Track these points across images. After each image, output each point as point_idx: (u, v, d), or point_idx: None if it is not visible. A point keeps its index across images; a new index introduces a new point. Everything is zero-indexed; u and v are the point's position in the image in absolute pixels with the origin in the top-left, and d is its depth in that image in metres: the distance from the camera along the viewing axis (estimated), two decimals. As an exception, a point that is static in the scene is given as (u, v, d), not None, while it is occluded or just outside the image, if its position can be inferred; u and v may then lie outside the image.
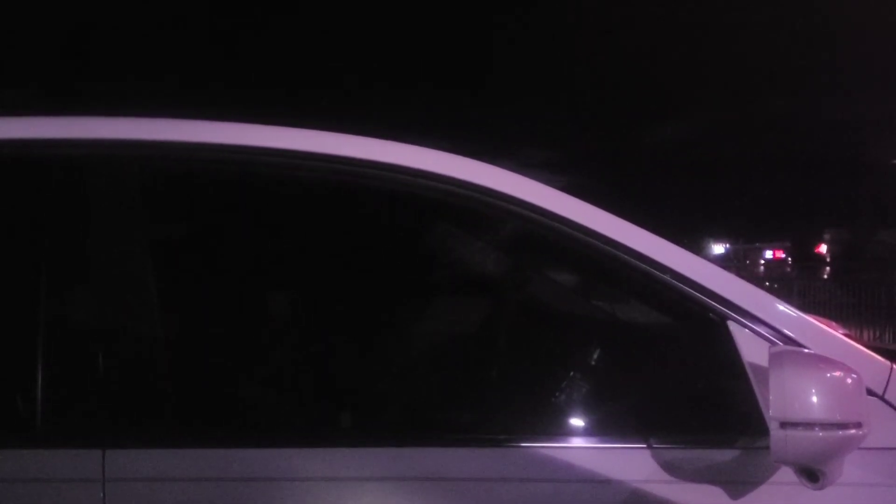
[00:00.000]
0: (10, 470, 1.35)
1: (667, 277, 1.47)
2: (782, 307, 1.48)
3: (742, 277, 1.56)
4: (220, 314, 1.72)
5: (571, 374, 2.43)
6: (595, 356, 2.53)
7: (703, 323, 1.48)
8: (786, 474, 1.33)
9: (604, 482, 1.39)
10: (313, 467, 1.40)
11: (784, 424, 1.24)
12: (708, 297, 1.46)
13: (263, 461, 1.40)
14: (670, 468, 1.40)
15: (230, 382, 1.78)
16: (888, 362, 1.48)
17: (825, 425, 1.24)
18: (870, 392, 1.39)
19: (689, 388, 1.79)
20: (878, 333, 13.20)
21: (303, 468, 1.40)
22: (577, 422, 2.23)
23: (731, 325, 1.44)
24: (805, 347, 1.42)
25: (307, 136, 1.57)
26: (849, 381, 1.27)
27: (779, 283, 17.91)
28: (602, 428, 1.51)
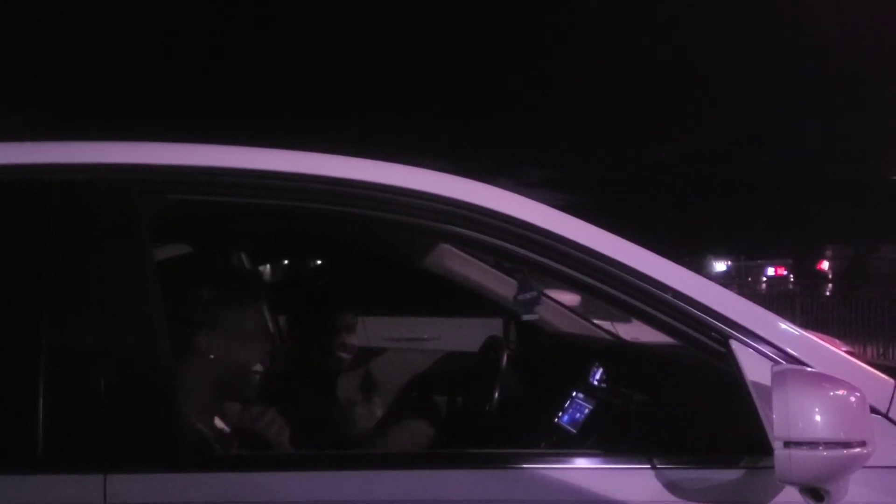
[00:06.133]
0: (11, 495, 1.35)
1: (668, 297, 1.47)
2: (784, 325, 1.48)
3: (744, 295, 1.56)
4: (217, 337, 1.72)
5: (574, 394, 2.43)
6: (597, 376, 2.53)
7: (705, 342, 1.47)
8: (790, 494, 1.33)
9: (607, 503, 1.38)
10: (317, 491, 1.39)
11: (788, 444, 1.23)
12: (710, 317, 1.46)
13: (266, 485, 1.40)
14: (674, 488, 1.39)
15: (231, 406, 1.78)
16: (892, 380, 1.48)
17: (829, 444, 1.23)
18: (874, 410, 1.38)
19: (692, 407, 1.78)
20: (881, 350, 13.15)
21: (306, 492, 1.39)
22: (580, 442, 2.22)
23: (734, 345, 1.43)
24: (808, 366, 1.41)
25: (309, 160, 1.57)
26: (852, 399, 1.26)
27: (781, 300, 17.85)
28: (606, 448, 1.51)
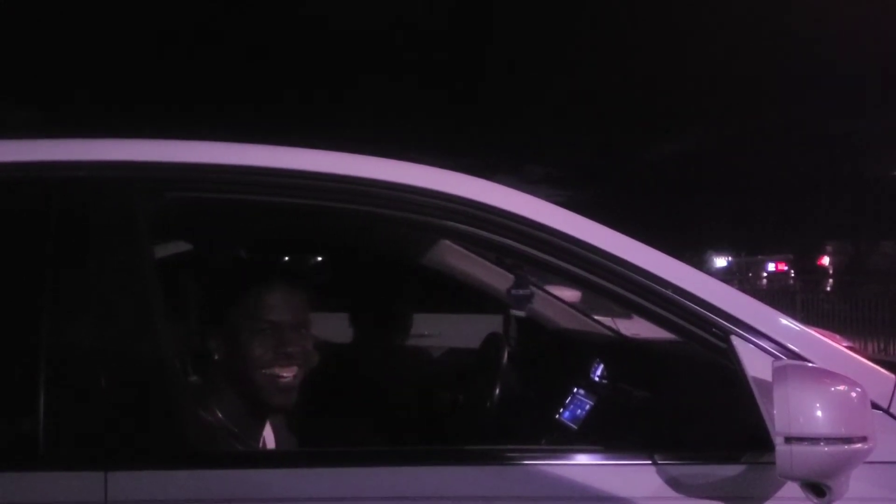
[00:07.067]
0: (13, 493, 1.35)
1: (669, 292, 1.47)
2: (785, 321, 1.48)
3: (744, 291, 1.56)
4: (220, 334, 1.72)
5: (575, 390, 2.43)
6: (598, 372, 2.53)
7: (706, 338, 1.47)
8: (792, 489, 1.33)
9: (609, 499, 1.39)
10: (318, 487, 1.39)
11: (789, 439, 1.24)
12: (710, 312, 1.46)
13: (267, 482, 1.40)
14: (675, 484, 1.39)
15: (235, 405, 1.77)
16: (893, 375, 1.48)
17: (830, 440, 1.23)
18: (875, 405, 1.38)
19: (693, 403, 1.78)
20: (882, 346, 13.16)
21: (307, 488, 1.39)
22: (581, 438, 2.23)
23: (735, 340, 1.43)
24: (809, 361, 1.42)
25: (314, 157, 1.57)
26: (853, 394, 1.27)
27: (781, 295, 17.85)
28: (607, 444, 1.51)
